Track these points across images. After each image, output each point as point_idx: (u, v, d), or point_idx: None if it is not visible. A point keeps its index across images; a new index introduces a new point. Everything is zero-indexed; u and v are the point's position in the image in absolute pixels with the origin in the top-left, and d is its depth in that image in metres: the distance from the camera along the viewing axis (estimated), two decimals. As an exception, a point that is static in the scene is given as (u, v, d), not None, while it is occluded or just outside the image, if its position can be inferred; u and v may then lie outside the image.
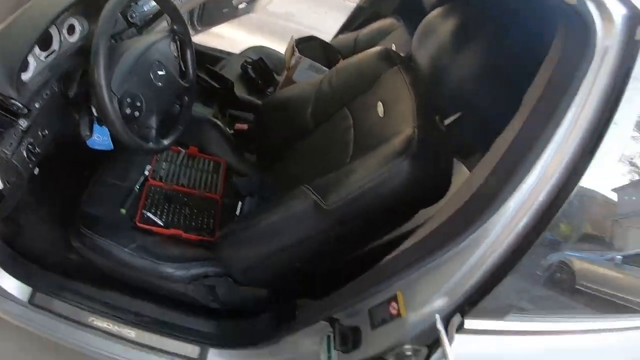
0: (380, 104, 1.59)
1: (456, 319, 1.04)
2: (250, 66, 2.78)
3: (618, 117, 0.94)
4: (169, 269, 1.54)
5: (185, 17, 2.29)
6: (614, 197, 1.33)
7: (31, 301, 1.54)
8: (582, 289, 1.48)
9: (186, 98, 1.68)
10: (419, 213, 1.40)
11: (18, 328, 1.66)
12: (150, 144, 1.46)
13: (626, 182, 1.31)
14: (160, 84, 1.50)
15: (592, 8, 0.94)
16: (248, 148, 2.11)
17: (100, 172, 1.75)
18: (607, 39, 0.96)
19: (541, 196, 0.98)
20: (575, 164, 0.97)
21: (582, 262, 1.48)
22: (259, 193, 1.86)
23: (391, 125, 1.46)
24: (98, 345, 1.60)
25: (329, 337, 1.28)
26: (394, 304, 1.13)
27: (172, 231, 1.64)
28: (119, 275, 1.61)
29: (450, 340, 1.01)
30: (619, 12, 0.95)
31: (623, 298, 1.56)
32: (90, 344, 1.60)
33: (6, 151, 1.25)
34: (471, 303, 1.04)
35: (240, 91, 2.53)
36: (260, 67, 2.81)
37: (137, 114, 1.40)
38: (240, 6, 2.95)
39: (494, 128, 1.13)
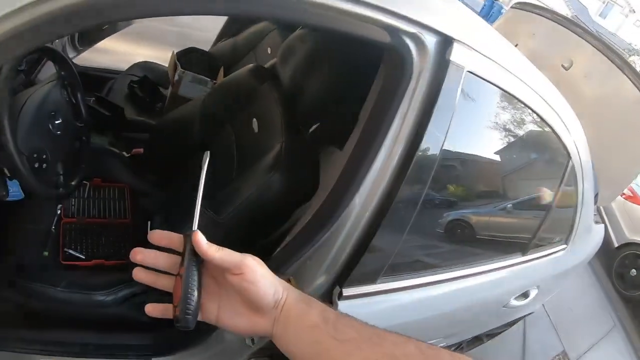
0: (255, 120, 1.79)
1: (336, 289, 1.30)
2: (136, 85, 2.86)
3: (433, 120, 1.24)
4: (99, 297, 1.68)
5: (65, 39, 2.34)
6: (497, 158, 1.68)
7: None
8: (482, 237, 1.84)
9: (84, 137, 1.80)
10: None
11: None
12: (61, 189, 1.59)
13: (503, 145, 1.66)
14: (59, 132, 1.61)
15: (407, 41, 1.19)
16: (149, 169, 2.24)
17: (14, 222, 1.82)
18: (422, 62, 1.22)
19: (384, 180, 1.24)
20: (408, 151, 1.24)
21: (479, 216, 1.82)
22: (165, 210, 2.01)
23: (264, 140, 1.66)
24: None
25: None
26: (289, 287, 1.40)
27: (95, 262, 1.79)
28: (56, 313, 1.69)
29: (335, 306, 1.26)
30: (431, 40, 1.21)
31: (517, 237, 2.00)
32: None
33: None
34: (345, 274, 1.29)
35: (130, 112, 2.62)
36: (145, 85, 2.90)
37: (44, 165, 1.51)
38: (120, 21, 2.97)
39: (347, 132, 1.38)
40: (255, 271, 0.71)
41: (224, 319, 0.74)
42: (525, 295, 2.09)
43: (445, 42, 1.23)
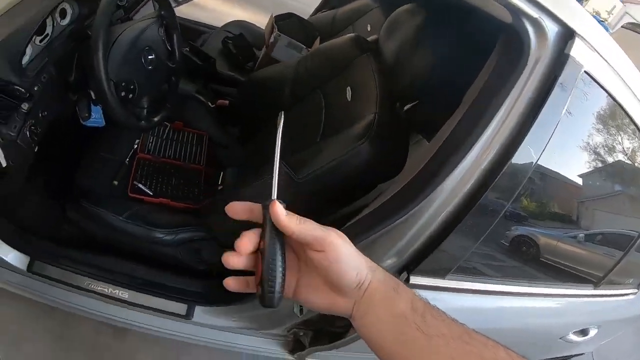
0: (349, 89, 1.71)
1: (403, 275, 1.24)
2: (231, 42, 2.84)
3: (541, 118, 1.10)
4: (158, 234, 1.68)
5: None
6: (579, 181, 1.49)
7: (29, 269, 1.59)
8: (546, 260, 1.66)
9: (173, 78, 1.79)
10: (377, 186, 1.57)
11: (17, 296, 1.76)
12: (143, 122, 1.59)
13: (590, 169, 1.46)
14: (150, 67, 1.61)
15: (527, 25, 1.07)
16: (231, 121, 2.23)
17: (92, 148, 1.86)
18: (539, 51, 1.10)
19: (472, 179, 1.15)
20: (503, 153, 1.13)
21: (547, 238, 1.65)
22: (239, 164, 1.99)
23: (356, 110, 1.59)
24: (94, 307, 1.73)
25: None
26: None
27: (160, 200, 1.79)
28: (113, 241, 1.72)
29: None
30: (552, 29, 1.09)
31: (581, 270, 1.79)
32: (87, 306, 1.72)
33: (12, 133, 1.34)
34: (415, 262, 1.23)
35: (221, 66, 2.62)
36: (240, 43, 2.88)
37: (130, 96, 1.51)
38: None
39: (444, 116, 1.29)
40: (339, 249, 0.63)
41: (302, 294, 0.68)
42: (584, 332, 1.92)
43: (566, 35, 1.10)
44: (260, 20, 3.19)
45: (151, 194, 1.79)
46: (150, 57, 1.61)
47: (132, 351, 2.14)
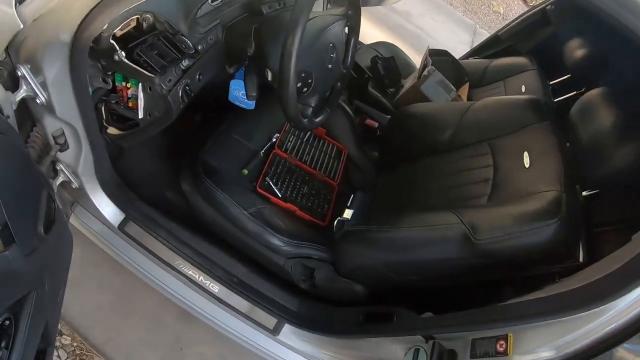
0: (526, 154, 1.55)
1: None
2: (380, 62, 2.69)
3: None
4: (278, 242, 1.51)
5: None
6: None
7: (121, 227, 1.52)
8: None
9: (339, 84, 1.62)
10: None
11: (94, 245, 1.66)
12: (305, 121, 1.42)
13: None
14: (330, 66, 1.45)
15: None
16: (371, 144, 2.04)
17: (228, 127, 1.71)
18: None
19: None
20: None
21: None
22: (373, 191, 1.82)
23: (537, 181, 1.45)
24: (177, 289, 1.59)
25: (417, 350, 1.30)
26: (502, 342, 1.16)
27: (288, 205, 1.61)
28: (221, 230, 1.58)
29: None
30: None
31: None
32: (170, 286, 1.59)
33: (164, 86, 1.23)
34: None
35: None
36: (390, 66, 2.71)
37: (305, 89, 1.36)
38: (376, -4, 2.84)
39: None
40: None
41: None
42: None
43: None
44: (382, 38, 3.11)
45: (280, 195, 1.61)
46: (332, 55, 1.45)
47: (194, 340, 1.97)
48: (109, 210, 1.54)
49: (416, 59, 3.05)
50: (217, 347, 1.96)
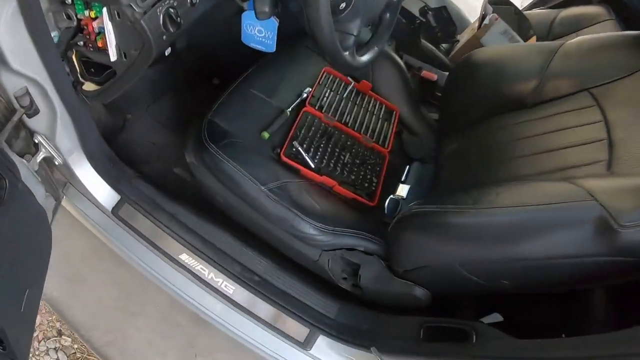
0: None
1: None
2: (431, 12, 2.22)
3: None
4: (311, 229, 1.10)
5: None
6: None
7: (115, 212, 1.23)
8: None
9: (388, 15, 1.17)
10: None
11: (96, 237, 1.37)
12: (347, 54, 0.99)
13: None
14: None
15: None
16: (427, 104, 1.60)
17: (243, 80, 1.30)
18: None
19: None
20: None
21: None
22: (434, 161, 1.39)
23: None
24: (183, 288, 1.25)
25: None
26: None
27: (323, 179, 1.19)
28: (235, 213, 1.21)
29: None
30: None
31: None
32: (174, 284, 1.25)
33: (136, 6, 0.85)
34: None
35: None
36: (442, 17, 2.25)
37: (342, 5, 0.92)
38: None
39: None
40: None
41: None
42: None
43: None
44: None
45: (312, 166, 1.19)
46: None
47: (211, 346, 1.66)
48: (101, 190, 1.23)
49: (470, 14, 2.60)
50: (237, 355, 1.62)
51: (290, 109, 1.28)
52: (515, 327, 1.01)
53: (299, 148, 1.20)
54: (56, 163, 1.14)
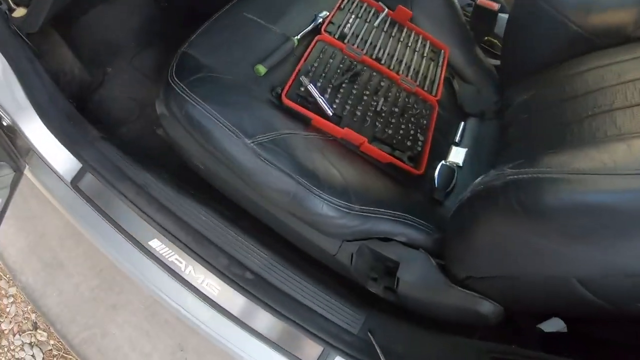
0: None
1: None
2: None
3: None
4: (326, 209, 0.72)
5: None
6: None
7: (74, 183, 0.94)
8: None
9: None
10: None
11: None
12: None
13: None
14: None
15: None
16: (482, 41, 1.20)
17: (235, 2, 0.95)
18: None
19: None
20: None
21: None
22: (497, 117, 1.00)
23: None
24: (156, 282, 0.93)
25: None
26: None
27: (347, 133, 0.80)
28: (221, 184, 0.87)
29: None
30: None
31: None
32: (145, 276, 0.94)
33: None
34: None
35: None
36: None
37: None
38: None
39: None
40: None
41: None
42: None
43: None
44: None
45: (330, 113, 0.80)
46: None
47: (204, 349, 1.31)
48: (59, 157, 0.96)
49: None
50: None
51: (298, 37, 0.90)
52: (581, 340, 0.73)
53: (311, 87, 0.81)
54: (4, 124, 0.94)
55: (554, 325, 0.84)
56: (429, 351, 0.79)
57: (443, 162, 0.89)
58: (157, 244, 0.87)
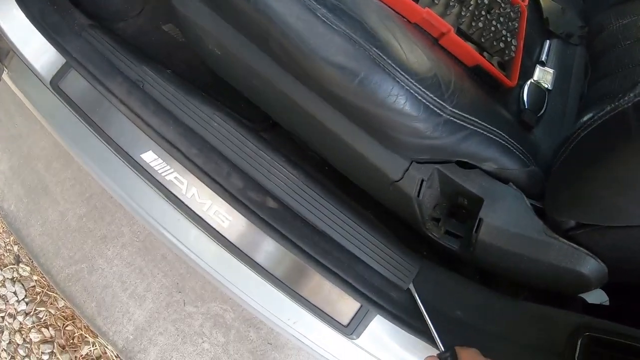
0: None
1: None
2: None
3: None
4: (410, 105, 0.47)
5: None
6: None
7: (54, 82, 0.72)
8: None
9: None
10: None
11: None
12: None
13: None
14: None
15: None
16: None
17: None
18: None
19: None
20: None
21: None
22: (581, 43, 0.78)
23: None
24: (149, 209, 0.67)
25: None
26: None
27: (428, 14, 0.54)
28: (243, 75, 0.63)
29: None
30: None
31: None
32: (136, 200, 0.67)
33: None
34: None
35: None
36: None
37: None
38: None
39: None
40: None
41: None
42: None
43: None
44: None
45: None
46: None
47: (203, 291, 1.09)
48: (38, 52, 0.74)
49: None
50: (240, 311, 1.07)
51: None
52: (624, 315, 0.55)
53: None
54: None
55: (596, 297, 0.63)
56: (501, 321, 0.56)
57: (531, 80, 0.65)
58: (151, 158, 0.63)
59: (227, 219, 0.60)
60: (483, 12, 0.59)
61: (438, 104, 0.47)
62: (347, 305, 0.59)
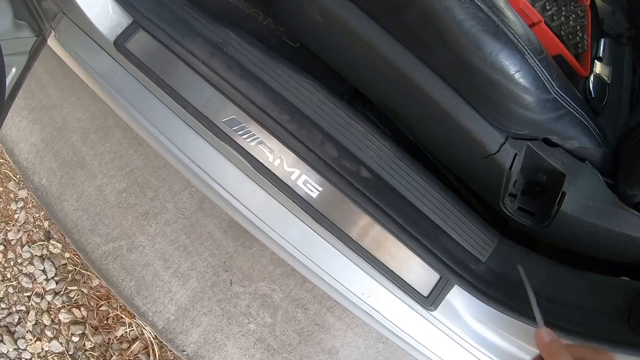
0: None
1: None
2: None
3: None
4: (526, 78, 0.49)
5: None
6: None
7: (119, 42, 0.66)
8: None
9: None
10: None
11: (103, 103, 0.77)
12: None
13: None
14: None
15: None
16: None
17: None
18: None
19: None
20: None
21: None
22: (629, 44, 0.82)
23: None
24: (223, 178, 0.66)
25: None
26: None
27: (524, 3, 0.58)
28: (343, 42, 0.62)
29: None
30: None
31: None
32: (207, 169, 0.66)
33: None
34: None
35: None
36: None
37: None
38: None
39: None
40: None
41: None
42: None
43: None
44: None
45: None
46: None
47: (252, 270, 1.08)
48: (101, 9, 0.68)
49: None
50: (290, 289, 1.07)
51: None
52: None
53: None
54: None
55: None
56: (567, 289, 0.60)
57: (595, 72, 0.70)
58: (234, 123, 0.62)
59: (317, 189, 0.60)
60: (563, 8, 0.64)
61: (549, 81, 0.50)
62: (427, 277, 0.60)
